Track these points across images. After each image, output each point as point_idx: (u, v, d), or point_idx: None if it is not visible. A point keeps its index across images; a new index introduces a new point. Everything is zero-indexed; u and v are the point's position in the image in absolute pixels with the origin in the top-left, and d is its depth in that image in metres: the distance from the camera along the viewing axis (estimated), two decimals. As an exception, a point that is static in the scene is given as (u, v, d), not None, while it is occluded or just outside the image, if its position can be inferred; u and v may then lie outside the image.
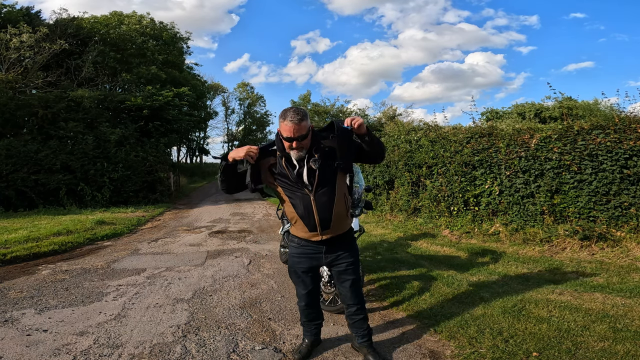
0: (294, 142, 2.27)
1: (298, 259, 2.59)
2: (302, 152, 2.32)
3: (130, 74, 18.72)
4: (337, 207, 2.42)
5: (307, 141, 2.30)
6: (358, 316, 2.65)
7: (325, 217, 2.41)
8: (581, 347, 2.68)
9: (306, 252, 2.55)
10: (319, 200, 2.38)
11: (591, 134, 5.58)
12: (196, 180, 28.94)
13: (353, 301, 2.63)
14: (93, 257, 5.84)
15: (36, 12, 18.18)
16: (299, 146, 2.29)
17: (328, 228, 2.44)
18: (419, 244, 6.39)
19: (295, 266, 2.60)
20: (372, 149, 2.42)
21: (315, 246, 2.52)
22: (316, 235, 2.47)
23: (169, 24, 23.50)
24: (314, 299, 2.69)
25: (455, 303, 3.61)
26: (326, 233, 2.45)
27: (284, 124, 2.25)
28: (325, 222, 2.42)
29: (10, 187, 12.13)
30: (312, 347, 2.74)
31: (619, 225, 5.22)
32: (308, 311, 2.70)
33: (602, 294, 3.72)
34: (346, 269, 2.56)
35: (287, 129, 2.24)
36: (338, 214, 2.43)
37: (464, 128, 8.63)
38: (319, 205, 2.39)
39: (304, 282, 2.62)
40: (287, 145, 2.31)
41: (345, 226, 2.54)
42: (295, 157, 2.33)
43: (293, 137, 2.24)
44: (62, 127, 14.03)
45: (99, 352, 2.76)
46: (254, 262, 5.42)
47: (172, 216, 11.08)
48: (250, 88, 55.98)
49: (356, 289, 2.63)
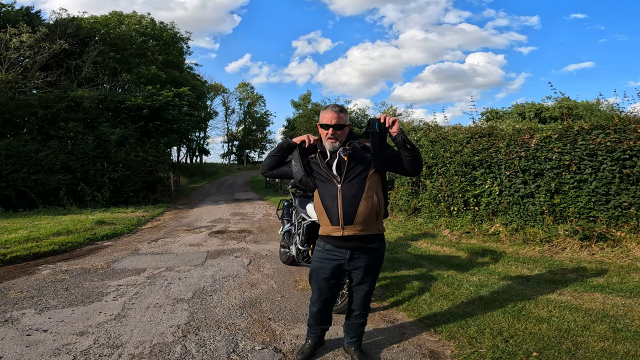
0: (330, 130, 2.37)
1: (320, 264, 2.50)
2: (337, 144, 2.39)
3: (131, 74, 18.74)
4: (365, 203, 2.34)
5: (343, 133, 2.40)
6: (358, 320, 2.64)
7: (349, 211, 2.33)
8: (581, 347, 2.68)
9: (329, 258, 2.47)
10: (345, 192, 2.35)
11: (591, 134, 5.58)
12: (196, 180, 28.95)
13: (359, 308, 2.61)
14: (93, 257, 5.84)
15: (36, 12, 18.20)
16: (335, 135, 2.37)
17: (351, 224, 2.34)
18: (419, 244, 6.39)
19: (317, 271, 2.53)
20: (409, 154, 2.35)
21: (339, 252, 2.44)
22: (337, 230, 2.37)
23: (169, 24, 23.56)
24: (327, 305, 2.63)
25: (455, 303, 3.61)
26: (348, 229, 2.35)
27: (325, 113, 2.41)
28: (348, 216, 2.33)
29: (10, 187, 12.12)
30: (315, 348, 2.72)
31: (619, 225, 5.22)
32: (319, 316, 2.65)
33: (602, 294, 3.72)
34: (363, 281, 2.50)
35: (327, 116, 2.38)
36: (364, 211, 2.34)
37: (464, 128, 8.63)
38: (344, 197, 2.34)
39: (321, 289, 2.55)
40: (324, 134, 2.41)
41: (372, 228, 2.39)
42: (330, 147, 2.39)
43: (330, 124, 2.36)
44: (62, 127, 14.03)
45: (99, 352, 2.76)
46: (254, 262, 5.42)
47: (172, 216, 11.08)
48: (250, 88, 56.09)
49: (368, 299, 2.60)
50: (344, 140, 2.42)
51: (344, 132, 2.40)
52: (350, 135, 2.47)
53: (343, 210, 2.34)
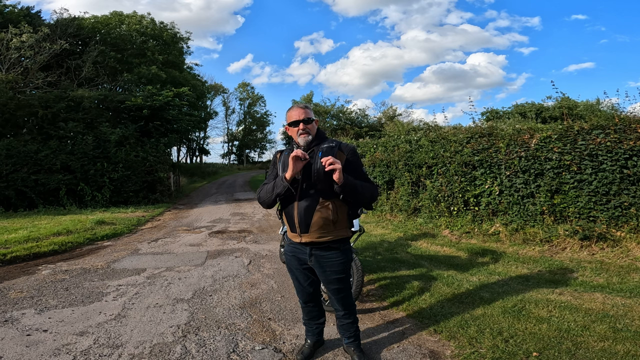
0: (300, 124, 2.37)
1: (289, 257, 2.60)
2: (309, 137, 2.38)
3: (131, 73, 18.75)
4: (319, 214, 2.34)
5: (312, 127, 2.40)
6: (346, 320, 2.64)
7: (305, 221, 2.36)
8: (581, 347, 2.68)
9: (293, 252, 2.55)
10: (301, 203, 2.35)
11: (591, 134, 5.58)
12: (196, 180, 28.91)
13: (339, 308, 2.61)
14: (93, 257, 5.84)
15: (36, 12, 18.21)
16: (306, 129, 2.37)
17: (307, 232, 2.38)
18: (419, 244, 6.39)
19: (289, 264, 2.62)
20: (350, 197, 2.31)
21: (301, 247, 2.48)
22: (296, 237, 2.45)
23: (169, 24, 23.57)
24: (310, 296, 2.65)
25: (455, 303, 3.61)
26: (305, 236, 2.40)
27: (291, 112, 2.42)
28: (303, 225, 2.37)
29: (10, 187, 12.12)
30: (315, 347, 2.73)
31: (619, 225, 5.21)
32: (307, 309, 2.70)
33: (602, 294, 3.72)
34: (327, 279, 2.49)
35: (294, 114, 2.40)
36: (318, 221, 2.34)
37: (464, 128, 8.64)
38: (300, 206, 2.36)
39: (297, 278, 2.61)
40: (295, 132, 2.40)
41: (330, 234, 2.39)
42: (303, 142, 2.38)
43: (300, 119, 2.37)
44: (62, 127, 14.03)
45: (99, 352, 2.76)
46: (254, 262, 5.42)
47: (172, 216, 11.07)
48: (251, 88, 56.11)
49: (342, 297, 2.56)
50: (314, 138, 2.41)
51: (313, 126, 2.41)
52: (320, 134, 2.46)
53: (298, 218, 2.37)
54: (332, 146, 2.37)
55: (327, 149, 2.35)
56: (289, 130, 2.46)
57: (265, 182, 2.54)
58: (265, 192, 2.45)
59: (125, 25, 21.24)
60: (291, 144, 2.52)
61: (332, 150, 2.34)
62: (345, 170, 2.25)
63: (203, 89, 31.15)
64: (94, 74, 17.13)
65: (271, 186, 2.42)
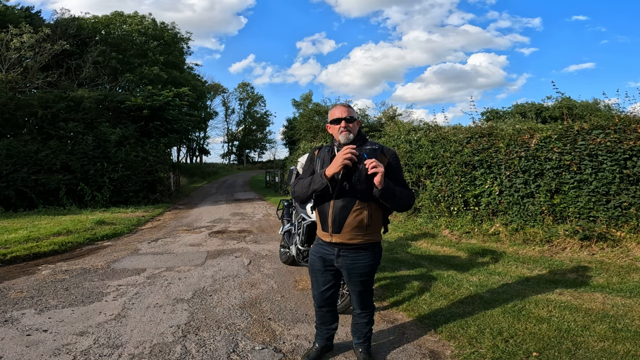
0: (342, 122, 2.36)
1: (314, 257, 2.54)
2: (351, 135, 2.36)
3: (133, 74, 18.75)
4: (354, 215, 2.32)
5: (354, 126, 2.39)
6: (361, 320, 2.62)
7: (338, 220, 2.33)
8: (581, 347, 2.68)
9: (321, 252, 2.49)
10: (337, 201, 2.33)
11: (591, 134, 5.58)
12: (196, 180, 28.91)
13: (357, 307, 2.60)
14: (93, 257, 5.84)
15: (36, 12, 18.23)
16: (348, 127, 2.36)
17: (339, 232, 2.35)
18: (419, 244, 6.39)
19: (312, 264, 2.57)
20: (387, 203, 2.30)
21: (329, 248, 2.44)
22: (327, 236, 2.41)
23: (170, 24, 23.61)
24: (325, 301, 2.60)
25: (455, 303, 3.61)
26: (336, 237, 2.37)
27: (334, 110, 2.42)
28: (337, 225, 2.34)
29: (10, 187, 12.12)
30: (322, 352, 2.68)
31: (619, 225, 5.21)
32: (320, 313, 2.64)
33: (602, 294, 3.72)
34: (352, 280, 2.47)
35: (337, 111, 2.39)
36: (352, 222, 2.32)
37: (464, 128, 8.63)
38: (336, 205, 2.33)
39: (317, 281, 2.56)
40: (337, 129, 2.39)
41: (361, 237, 2.37)
42: (344, 139, 2.36)
43: (342, 117, 2.36)
44: (62, 127, 14.02)
45: (99, 352, 2.76)
46: (254, 262, 5.42)
47: (172, 216, 11.07)
48: (251, 88, 56.19)
49: (362, 298, 2.56)
50: (356, 138, 2.39)
51: (354, 125, 2.39)
52: (361, 135, 2.45)
53: (332, 218, 2.35)
54: (375, 149, 2.35)
55: (370, 151, 2.32)
56: (329, 128, 2.45)
57: (301, 177, 2.51)
58: (301, 187, 2.41)
59: (126, 25, 21.25)
60: (332, 142, 2.49)
61: (375, 153, 2.32)
62: (385, 174, 2.22)
63: (203, 89, 31.21)
64: (95, 74, 17.13)
65: (308, 181, 2.38)
